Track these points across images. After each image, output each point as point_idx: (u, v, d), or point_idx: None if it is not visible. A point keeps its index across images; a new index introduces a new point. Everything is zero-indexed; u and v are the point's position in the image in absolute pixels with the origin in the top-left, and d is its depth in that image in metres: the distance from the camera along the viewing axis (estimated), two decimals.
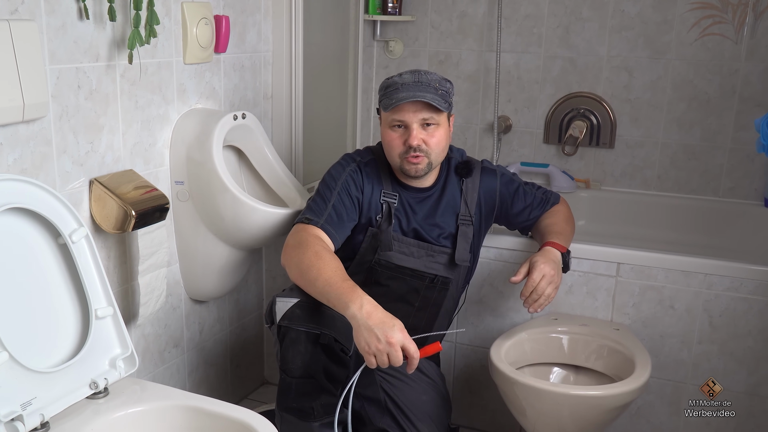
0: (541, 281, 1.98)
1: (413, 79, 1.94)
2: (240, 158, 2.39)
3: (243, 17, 2.35)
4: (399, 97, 1.92)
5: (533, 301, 2.00)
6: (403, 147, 1.96)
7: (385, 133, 2.00)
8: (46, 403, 1.46)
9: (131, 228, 1.82)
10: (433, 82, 1.95)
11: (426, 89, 1.92)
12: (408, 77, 1.95)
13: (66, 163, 1.76)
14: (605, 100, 3.11)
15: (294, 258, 1.83)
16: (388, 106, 1.95)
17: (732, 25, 2.88)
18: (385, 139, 2.00)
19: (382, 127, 2.01)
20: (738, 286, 2.19)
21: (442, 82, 1.97)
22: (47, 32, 1.65)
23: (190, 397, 1.64)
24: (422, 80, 1.94)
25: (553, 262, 2.02)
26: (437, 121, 1.95)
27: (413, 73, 1.96)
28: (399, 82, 1.95)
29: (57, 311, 1.56)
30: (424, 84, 1.93)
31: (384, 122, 2.00)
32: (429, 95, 1.91)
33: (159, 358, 2.23)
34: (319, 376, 1.80)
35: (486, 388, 2.48)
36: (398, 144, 1.96)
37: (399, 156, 1.97)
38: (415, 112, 1.93)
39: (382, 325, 1.64)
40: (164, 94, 2.05)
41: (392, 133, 1.97)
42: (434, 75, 1.97)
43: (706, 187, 3.04)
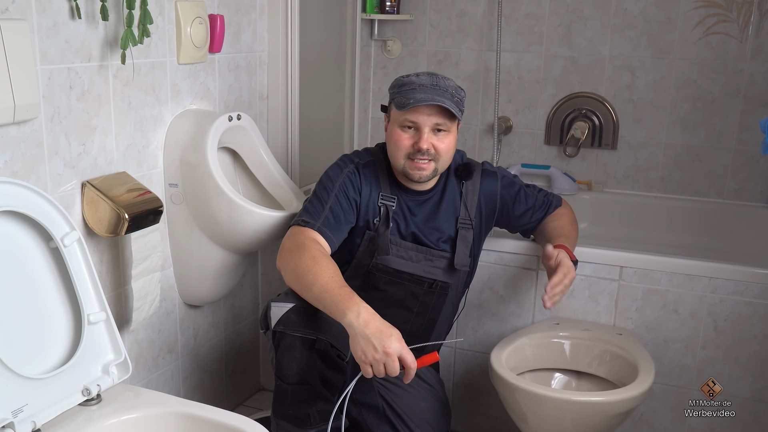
0: (566, 278, 1.99)
1: (431, 81, 1.94)
2: (235, 160, 2.39)
3: (238, 16, 2.36)
4: (417, 98, 1.91)
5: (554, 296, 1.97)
6: (412, 149, 1.95)
7: (393, 131, 1.99)
8: (37, 410, 1.47)
9: (124, 231, 1.83)
10: (450, 88, 1.95)
11: (443, 94, 1.92)
12: (426, 79, 1.95)
13: (58, 166, 1.77)
14: (607, 101, 3.12)
15: (290, 262, 1.83)
16: (403, 105, 1.93)
17: (737, 23, 2.89)
18: (392, 137, 1.99)
19: (390, 124, 2.00)
20: (743, 290, 2.20)
21: (458, 90, 1.97)
22: (38, 32, 1.66)
23: (184, 403, 1.64)
24: (440, 84, 1.93)
25: (569, 260, 2.03)
26: (449, 128, 1.96)
27: (431, 75, 1.96)
28: (416, 82, 1.94)
29: (49, 316, 1.56)
30: (442, 89, 1.93)
31: (393, 120, 1.99)
32: (447, 101, 1.91)
33: (153, 364, 2.23)
34: (315, 382, 1.80)
35: (486, 395, 2.48)
36: (406, 144, 1.96)
37: (405, 156, 1.97)
38: (430, 116, 1.93)
39: (379, 335, 1.64)
40: (158, 95, 2.06)
41: (402, 132, 1.96)
42: (451, 81, 1.97)
43: (711, 188, 3.05)
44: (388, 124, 2.03)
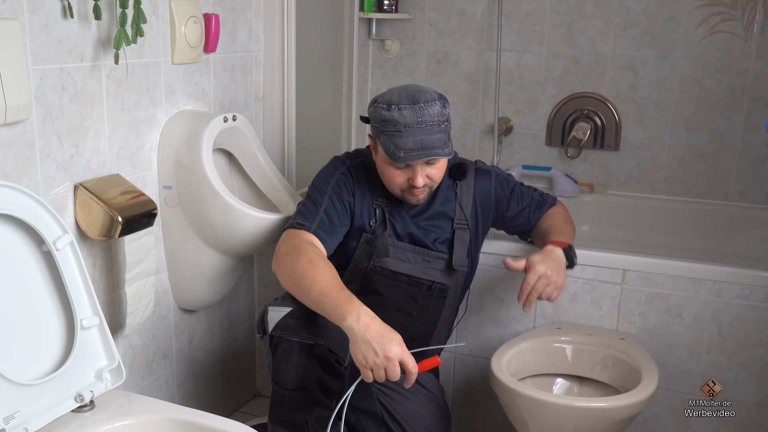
0: (538, 282, 1.99)
1: (415, 119, 1.85)
2: (230, 162, 2.40)
3: (233, 15, 2.36)
4: (405, 148, 1.85)
5: (531, 303, 2.01)
6: (406, 184, 1.95)
7: (383, 166, 1.96)
8: (29, 416, 1.47)
9: (118, 235, 1.83)
10: (435, 116, 1.87)
11: (430, 130, 1.86)
12: (409, 115, 1.85)
13: (50, 168, 1.77)
14: (610, 101, 3.12)
15: (287, 265, 1.83)
16: (392, 157, 1.88)
17: (741, 22, 2.90)
18: (383, 172, 1.97)
19: (379, 158, 1.97)
20: (748, 294, 2.20)
21: (443, 112, 1.89)
22: (30, 31, 1.66)
23: (179, 410, 1.64)
24: (425, 119, 1.85)
25: (552, 262, 2.02)
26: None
27: (413, 107, 1.86)
28: (400, 122, 1.85)
29: (41, 321, 1.56)
30: (428, 124, 1.86)
31: (382, 156, 1.94)
32: (437, 145, 1.86)
33: (147, 369, 2.23)
34: (313, 388, 1.81)
35: (487, 400, 2.49)
36: (400, 181, 1.95)
37: (400, 189, 1.97)
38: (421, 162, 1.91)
39: (380, 339, 1.64)
40: (152, 96, 2.06)
41: (394, 170, 1.94)
42: (434, 106, 1.88)
43: (715, 190, 3.06)
44: (376, 155, 1.98)
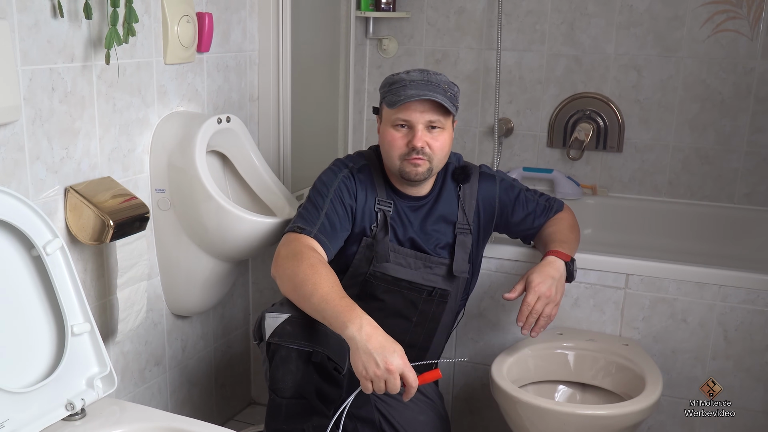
0: (537, 303, 2.00)
1: (422, 77, 1.96)
2: (224, 164, 2.40)
3: (227, 14, 2.37)
4: (407, 94, 1.93)
5: (530, 325, 2.03)
6: (406, 148, 1.97)
7: (385, 132, 2.00)
8: (19, 425, 1.47)
9: (109, 239, 1.83)
10: (442, 83, 1.96)
11: (435, 89, 1.94)
12: (416, 75, 1.96)
13: (40, 170, 1.77)
14: (612, 101, 3.13)
15: (287, 270, 1.83)
16: (393, 102, 1.95)
17: (747, 20, 2.91)
18: (385, 138, 2.01)
19: (383, 125, 2.02)
20: (755, 298, 2.21)
21: (451, 85, 1.98)
22: (19, 31, 1.66)
23: (172, 418, 1.64)
24: (431, 80, 1.95)
25: (551, 279, 2.03)
26: (443, 124, 1.97)
27: (422, 71, 1.98)
28: (407, 79, 1.96)
29: (30, 327, 1.57)
30: (434, 84, 1.95)
31: (385, 120, 2.00)
32: (440, 96, 1.93)
33: (139, 377, 2.23)
34: (310, 396, 1.81)
35: (487, 408, 2.49)
36: (400, 144, 1.97)
37: (399, 157, 1.98)
38: (423, 113, 1.94)
39: (382, 350, 1.64)
40: (144, 97, 2.06)
41: (395, 132, 1.98)
42: (443, 76, 1.99)
43: (720, 193, 3.07)
44: (381, 125, 2.04)
